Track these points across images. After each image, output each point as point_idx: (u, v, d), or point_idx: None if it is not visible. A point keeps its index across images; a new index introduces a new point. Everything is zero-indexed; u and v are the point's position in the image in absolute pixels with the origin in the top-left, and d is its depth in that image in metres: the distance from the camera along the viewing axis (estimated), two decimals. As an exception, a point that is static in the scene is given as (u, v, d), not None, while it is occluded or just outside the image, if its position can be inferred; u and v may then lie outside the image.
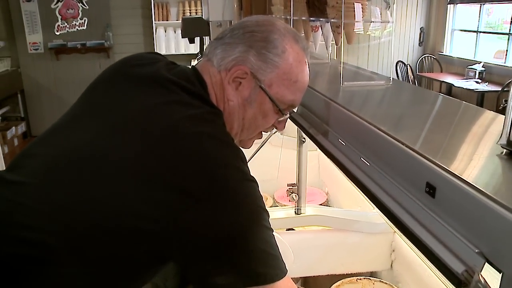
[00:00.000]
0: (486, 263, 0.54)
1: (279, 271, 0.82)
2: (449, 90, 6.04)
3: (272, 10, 2.26)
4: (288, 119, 1.39)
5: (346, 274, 1.53)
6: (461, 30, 6.81)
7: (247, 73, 0.97)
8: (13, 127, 5.59)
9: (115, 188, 0.80)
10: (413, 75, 6.76)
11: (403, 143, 0.73)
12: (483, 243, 0.55)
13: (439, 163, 0.64)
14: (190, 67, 1.04)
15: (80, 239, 0.79)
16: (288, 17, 1.80)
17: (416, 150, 0.70)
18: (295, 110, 1.08)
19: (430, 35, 7.19)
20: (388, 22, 1.38)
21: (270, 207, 2.09)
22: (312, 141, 1.13)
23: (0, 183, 0.85)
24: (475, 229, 0.57)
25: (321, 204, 2.12)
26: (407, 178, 0.72)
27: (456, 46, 6.89)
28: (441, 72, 6.82)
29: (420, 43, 7.21)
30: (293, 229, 1.68)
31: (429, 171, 0.65)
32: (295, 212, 1.58)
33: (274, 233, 1.30)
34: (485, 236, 0.55)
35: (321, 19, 1.52)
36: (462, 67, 6.21)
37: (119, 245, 0.80)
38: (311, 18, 1.62)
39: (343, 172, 0.93)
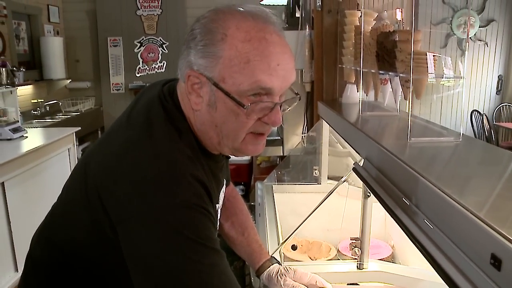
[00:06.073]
0: None
1: None
2: (530, 142, 5.71)
3: (342, 60, 2.29)
4: (352, 170, 1.38)
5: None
6: (545, 78, 6.48)
7: (197, 76, 0.89)
8: (92, 162, 5.93)
9: (74, 208, 0.98)
10: (489, 125, 6.46)
11: (467, 209, 0.71)
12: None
13: (505, 234, 0.61)
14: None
15: (66, 250, 1.01)
16: (358, 68, 1.82)
17: (480, 218, 0.68)
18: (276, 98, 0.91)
19: (510, 83, 6.88)
20: (461, 77, 1.35)
21: (332, 259, 2.05)
22: (375, 196, 1.12)
23: None
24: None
25: (385, 258, 2.05)
26: (471, 246, 0.70)
27: (538, 95, 6.55)
28: (521, 122, 6.48)
29: (497, 92, 6.92)
30: (357, 284, 1.64)
31: (494, 242, 0.63)
32: (357, 267, 1.55)
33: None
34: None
35: (390, 72, 1.52)
36: (545, 117, 5.88)
37: (94, 253, 0.96)
38: (380, 71, 1.62)
39: (404, 231, 0.91)
